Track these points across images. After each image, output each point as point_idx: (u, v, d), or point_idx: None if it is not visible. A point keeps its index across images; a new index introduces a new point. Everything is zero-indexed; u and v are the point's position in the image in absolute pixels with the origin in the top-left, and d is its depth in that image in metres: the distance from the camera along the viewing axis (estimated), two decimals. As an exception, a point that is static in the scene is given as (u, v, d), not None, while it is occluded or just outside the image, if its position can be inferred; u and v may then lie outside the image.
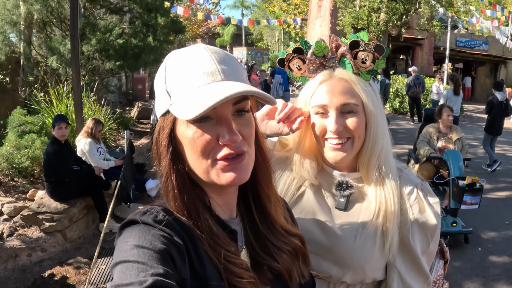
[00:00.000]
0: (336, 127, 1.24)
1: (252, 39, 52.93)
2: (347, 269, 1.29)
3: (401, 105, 17.25)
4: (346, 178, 1.36)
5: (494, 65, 28.42)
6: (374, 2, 19.36)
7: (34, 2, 9.77)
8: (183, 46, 2.21)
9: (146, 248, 0.77)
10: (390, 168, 1.33)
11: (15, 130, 7.57)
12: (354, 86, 1.26)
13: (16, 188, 6.38)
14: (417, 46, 26.16)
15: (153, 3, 11.51)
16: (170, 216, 0.85)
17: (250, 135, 0.91)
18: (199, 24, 40.57)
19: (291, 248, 1.03)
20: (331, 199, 1.37)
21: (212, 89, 0.82)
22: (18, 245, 4.85)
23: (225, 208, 0.97)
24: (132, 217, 0.85)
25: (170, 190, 0.89)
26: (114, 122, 9.54)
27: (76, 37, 7.00)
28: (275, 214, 1.04)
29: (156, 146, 0.92)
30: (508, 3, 28.16)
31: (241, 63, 10.16)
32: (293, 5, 40.37)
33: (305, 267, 1.09)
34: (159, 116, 0.92)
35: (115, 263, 0.77)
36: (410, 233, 1.28)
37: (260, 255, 0.98)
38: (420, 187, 1.34)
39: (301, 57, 1.37)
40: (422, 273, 1.30)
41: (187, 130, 0.86)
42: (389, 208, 1.28)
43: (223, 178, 0.87)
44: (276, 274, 0.98)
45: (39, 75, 9.93)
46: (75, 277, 4.56)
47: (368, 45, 1.27)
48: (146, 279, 0.71)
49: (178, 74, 0.87)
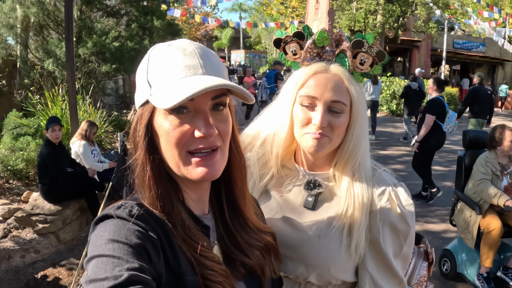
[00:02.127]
0: (321, 122, 1.21)
1: (250, 42, 53.08)
2: (312, 269, 1.26)
3: (398, 107, 17.27)
4: (316, 177, 1.34)
5: (492, 66, 28.51)
6: (370, 4, 19.42)
7: (30, 5, 9.77)
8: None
9: (121, 243, 0.76)
10: (364, 169, 1.30)
11: (10, 133, 7.57)
12: (347, 85, 1.24)
13: (11, 190, 6.37)
14: (414, 48, 26.24)
15: (150, 6, 11.53)
16: (145, 211, 0.85)
17: (226, 132, 0.91)
18: (197, 27, 40.65)
19: (263, 245, 1.04)
20: (300, 197, 1.35)
21: (192, 81, 0.82)
22: (12, 246, 4.84)
23: (198, 203, 0.98)
24: (106, 212, 0.84)
25: (145, 180, 0.88)
26: (110, 124, 9.53)
27: (71, 39, 7.00)
28: (247, 212, 1.04)
29: (134, 135, 0.92)
30: (505, 4, 28.24)
31: (239, 65, 10.12)
32: (291, 7, 40.48)
33: (276, 263, 1.10)
34: (138, 106, 0.93)
35: (89, 258, 0.76)
36: (380, 235, 1.24)
37: (232, 251, 0.98)
38: (393, 188, 1.29)
39: (299, 42, 1.32)
40: (395, 277, 1.26)
41: (164, 121, 0.86)
42: (357, 208, 1.25)
43: (194, 173, 0.88)
44: (248, 269, 0.99)
45: (35, 78, 9.92)
46: (67, 278, 4.55)
47: (371, 48, 1.25)
48: (122, 274, 0.71)
49: (160, 65, 0.88)
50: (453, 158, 10.30)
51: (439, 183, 8.13)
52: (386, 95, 17.23)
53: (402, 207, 1.26)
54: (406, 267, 1.36)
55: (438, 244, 5.12)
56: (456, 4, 21.61)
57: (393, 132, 13.59)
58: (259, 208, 1.18)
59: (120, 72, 10.81)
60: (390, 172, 1.38)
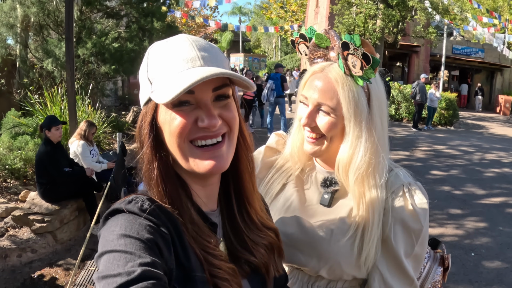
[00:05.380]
0: (306, 121, 1.26)
1: (250, 46, 53.12)
2: (324, 263, 1.28)
3: (397, 112, 17.30)
4: (332, 175, 1.35)
5: (490, 72, 28.57)
6: (370, 9, 19.44)
7: (31, 5, 9.77)
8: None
9: (133, 238, 0.76)
10: (378, 170, 1.28)
11: (9, 132, 7.56)
12: (337, 87, 1.23)
13: (9, 189, 6.34)
14: (413, 53, 26.29)
15: (150, 7, 11.52)
16: (156, 205, 0.84)
17: (232, 117, 0.90)
18: (197, 30, 40.68)
19: (267, 243, 1.04)
20: (317, 194, 1.37)
21: (190, 73, 0.82)
22: (9, 245, 4.82)
23: (206, 200, 0.97)
24: (117, 206, 0.84)
25: (152, 178, 0.88)
26: (108, 125, 9.53)
27: (71, 39, 6.99)
28: (254, 206, 1.04)
29: (139, 134, 0.91)
30: (505, 10, 28.32)
31: (240, 69, 10.15)
32: (290, 12, 40.54)
33: (279, 261, 1.10)
34: (142, 105, 0.92)
35: (101, 253, 0.75)
36: (392, 234, 1.24)
37: (238, 249, 0.98)
38: (408, 187, 1.28)
39: (306, 44, 1.36)
40: (406, 276, 1.25)
41: (167, 116, 0.86)
42: (370, 208, 1.25)
43: (201, 166, 0.87)
44: (253, 268, 0.98)
45: (35, 77, 9.92)
46: (64, 278, 4.53)
47: (356, 50, 1.19)
48: (135, 270, 0.70)
49: (159, 62, 0.87)
50: (451, 163, 10.33)
51: (438, 188, 8.15)
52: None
53: (415, 205, 1.25)
54: (419, 268, 1.34)
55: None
56: (456, 9, 21.61)
57: (392, 137, 13.58)
58: (265, 204, 1.18)
59: (119, 73, 10.80)
60: (407, 172, 1.36)
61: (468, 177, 9.12)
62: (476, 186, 8.49)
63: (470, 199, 7.60)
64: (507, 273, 4.84)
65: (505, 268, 4.96)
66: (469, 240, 5.70)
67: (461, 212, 6.87)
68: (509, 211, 7.05)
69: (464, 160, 10.61)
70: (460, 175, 9.28)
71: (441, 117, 17.37)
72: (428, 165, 10.11)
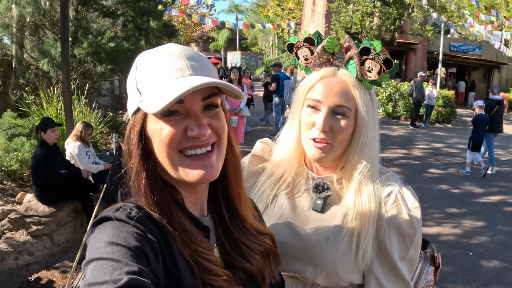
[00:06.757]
0: (323, 126, 1.25)
1: (247, 44, 53.06)
2: (320, 270, 1.28)
3: (394, 110, 17.31)
4: (324, 180, 1.35)
5: (488, 69, 28.59)
6: (367, 7, 19.42)
7: (26, 5, 9.72)
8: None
9: (120, 245, 0.75)
10: (373, 175, 1.32)
11: (5, 133, 7.52)
12: (352, 90, 1.27)
13: (5, 191, 6.32)
14: (410, 50, 26.27)
15: (146, 6, 11.48)
16: (143, 213, 0.84)
17: (221, 127, 0.91)
18: (193, 28, 40.62)
19: (263, 249, 1.03)
20: (309, 200, 1.37)
21: (179, 83, 0.82)
22: (5, 248, 4.80)
23: (196, 205, 0.97)
24: (105, 214, 0.83)
25: (141, 188, 0.88)
26: (105, 125, 9.50)
27: (66, 39, 6.96)
28: (245, 213, 1.04)
29: (127, 144, 0.91)
30: (502, 8, 28.35)
31: (237, 67, 10.07)
32: (287, 9, 40.53)
33: (276, 267, 1.09)
34: (130, 114, 0.92)
35: (88, 261, 0.75)
36: (386, 238, 1.26)
37: (233, 256, 0.97)
38: (400, 191, 1.32)
39: (310, 48, 1.37)
40: (401, 280, 1.28)
41: (156, 125, 0.86)
42: (366, 212, 1.27)
43: (191, 175, 0.87)
44: (248, 275, 0.98)
45: (31, 78, 9.88)
46: (61, 281, 4.52)
47: (378, 56, 1.26)
48: (121, 278, 0.70)
49: (148, 71, 0.87)
50: (449, 161, 10.33)
51: (435, 186, 8.15)
52: (382, 97, 17.25)
53: (408, 210, 1.28)
54: (413, 271, 1.37)
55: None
56: (453, 6, 21.63)
57: (390, 135, 13.59)
58: (257, 211, 1.18)
59: (116, 72, 10.77)
60: (397, 176, 1.40)
61: (466, 175, 9.12)
62: (474, 185, 8.50)
63: (468, 198, 7.61)
64: (506, 273, 4.84)
65: (503, 268, 4.96)
66: (467, 239, 5.70)
67: (459, 210, 6.88)
68: (507, 209, 7.06)
69: (462, 158, 10.60)
70: (458, 173, 9.29)
71: (438, 114, 17.40)
72: (425, 163, 10.12)
